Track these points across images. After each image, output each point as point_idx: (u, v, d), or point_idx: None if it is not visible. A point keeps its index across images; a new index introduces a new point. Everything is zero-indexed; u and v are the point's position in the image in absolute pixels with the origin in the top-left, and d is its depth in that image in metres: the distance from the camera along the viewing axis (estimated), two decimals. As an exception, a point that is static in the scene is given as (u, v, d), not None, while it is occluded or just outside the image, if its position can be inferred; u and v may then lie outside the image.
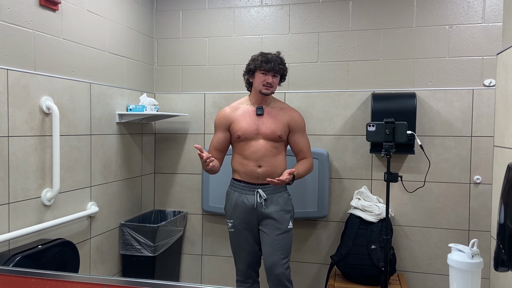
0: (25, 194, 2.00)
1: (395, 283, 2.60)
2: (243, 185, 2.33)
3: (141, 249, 2.69)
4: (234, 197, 2.35)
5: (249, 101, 2.40)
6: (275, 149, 2.32)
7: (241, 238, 2.36)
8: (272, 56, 2.32)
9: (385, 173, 2.24)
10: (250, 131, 2.31)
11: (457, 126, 2.71)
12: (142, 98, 2.85)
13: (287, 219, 2.32)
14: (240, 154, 2.34)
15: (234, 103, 2.44)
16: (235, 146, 2.38)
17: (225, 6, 3.06)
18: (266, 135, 2.31)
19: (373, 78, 2.84)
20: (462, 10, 2.70)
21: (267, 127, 2.31)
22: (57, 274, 1.34)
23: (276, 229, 2.29)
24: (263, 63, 2.28)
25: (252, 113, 2.35)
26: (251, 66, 2.34)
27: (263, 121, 2.33)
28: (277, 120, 2.34)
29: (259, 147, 2.30)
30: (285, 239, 2.30)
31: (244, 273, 2.40)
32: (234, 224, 2.35)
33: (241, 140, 2.32)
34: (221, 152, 2.40)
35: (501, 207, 1.22)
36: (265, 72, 2.30)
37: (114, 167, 2.71)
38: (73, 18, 2.30)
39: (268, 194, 2.30)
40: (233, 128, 2.34)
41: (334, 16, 2.88)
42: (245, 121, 2.33)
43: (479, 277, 1.51)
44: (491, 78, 2.64)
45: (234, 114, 2.36)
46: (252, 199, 2.29)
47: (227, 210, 2.40)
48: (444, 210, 2.74)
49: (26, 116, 1.99)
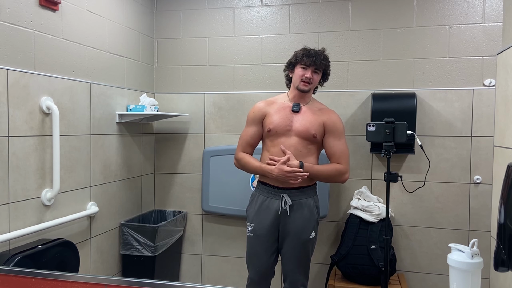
0: (25, 194, 2.00)
1: (395, 283, 2.60)
2: (268, 189, 2.19)
3: (141, 249, 2.69)
4: (259, 200, 2.21)
5: (287, 97, 2.28)
6: (306, 150, 2.18)
7: (258, 244, 2.20)
8: (315, 51, 2.19)
9: (385, 173, 2.23)
10: (282, 125, 2.18)
11: (457, 126, 2.71)
12: (142, 98, 2.85)
13: (310, 228, 2.17)
14: (269, 151, 2.20)
15: (270, 98, 2.33)
16: (265, 142, 2.25)
17: (225, 6, 3.06)
18: (299, 133, 2.17)
19: (373, 78, 2.84)
20: (462, 10, 2.70)
21: (301, 124, 2.18)
22: (57, 274, 1.34)
23: (296, 238, 2.15)
24: (304, 57, 2.16)
25: (288, 109, 2.22)
26: (292, 60, 2.22)
27: (298, 118, 2.20)
28: (312, 119, 2.19)
29: (290, 145, 2.15)
30: (305, 249, 2.18)
31: (256, 282, 2.23)
32: (254, 229, 2.20)
33: (272, 135, 2.19)
34: (253, 147, 2.28)
35: (501, 207, 1.22)
36: (305, 67, 2.16)
37: (114, 167, 2.71)
38: (73, 18, 2.30)
39: (294, 199, 2.15)
40: (266, 121, 2.22)
41: (334, 16, 2.88)
42: (279, 115, 2.21)
43: (479, 277, 1.51)
44: (491, 78, 2.64)
45: (269, 108, 2.25)
46: (277, 205, 2.15)
47: (249, 213, 2.26)
48: (444, 210, 2.74)
49: (26, 116, 1.99)
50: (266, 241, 2.19)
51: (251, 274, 2.25)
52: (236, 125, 3.04)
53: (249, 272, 2.27)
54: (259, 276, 2.22)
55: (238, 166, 2.30)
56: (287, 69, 2.29)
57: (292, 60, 2.23)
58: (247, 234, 2.25)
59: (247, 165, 2.23)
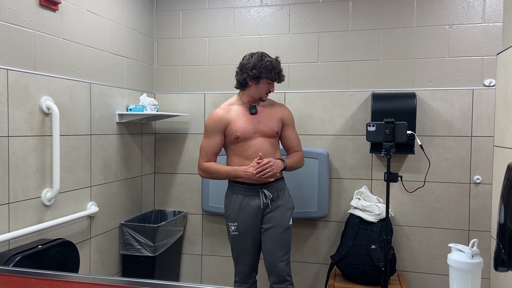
0: (25, 194, 2.00)
1: (395, 283, 2.60)
2: (246, 187, 2.29)
3: (141, 249, 2.69)
4: (238, 200, 2.30)
5: (240, 101, 2.37)
6: (273, 146, 2.33)
7: (245, 241, 2.33)
8: (277, 64, 2.29)
9: (385, 173, 2.23)
10: (248, 130, 2.28)
11: (457, 126, 2.71)
12: (142, 98, 2.85)
13: (288, 216, 2.34)
14: (240, 155, 2.30)
15: (223, 105, 2.39)
16: (231, 148, 2.33)
17: (225, 6, 3.06)
18: (265, 133, 2.31)
19: (373, 78, 2.84)
20: (462, 10, 2.70)
21: (264, 125, 2.31)
22: (57, 274, 1.34)
23: (278, 226, 2.29)
24: (273, 73, 2.26)
25: (246, 112, 2.33)
26: (256, 73, 2.24)
27: (259, 119, 2.32)
28: (271, 117, 2.35)
29: (260, 145, 2.28)
30: (287, 236, 2.32)
31: (246, 275, 2.38)
32: (239, 227, 2.31)
33: (240, 141, 2.28)
34: (216, 156, 2.35)
35: (501, 207, 1.22)
36: (271, 82, 2.30)
37: (114, 167, 2.71)
38: (73, 18, 2.30)
39: (273, 192, 2.30)
40: (230, 129, 2.29)
41: (334, 16, 2.88)
42: (241, 121, 2.29)
43: (479, 277, 1.51)
44: (491, 78, 2.64)
45: (228, 115, 2.31)
46: (258, 200, 2.28)
47: (229, 214, 2.35)
48: (444, 210, 2.74)
49: (26, 116, 1.99)
50: (252, 236, 2.32)
51: (240, 268, 2.38)
52: (236, 125, 3.03)
53: (237, 267, 2.40)
54: (248, 268, 2.37)
55: (205, 175, 2.37)
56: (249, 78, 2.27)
57: (257, 74, 2.24)
58: (231, 233, 2.35)
59: (217, 172, 2.31)
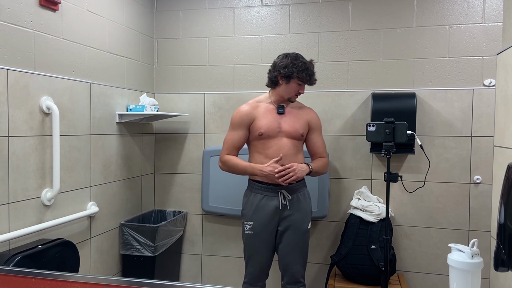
0: (25, 194, 2.00)
1: (395, 283, 2.60)
2: (265, 187, 2.25)
3: (141, 249, 2.69)
4: (256, 199, 2.27)
5: (269, 99, 2.34)
6: (296, 148, 2.28)
7: (259, 241, 2.28)
8: (310, 65, 2.25)
9: (385, 173, 2.23)
10: (272, 128, 2.25)
11: (457, 126, 2.71)
12: (142, 98, 2.85)
13: (307, 220, 2.30)
14: (262, 153, 2.27)
15: (252, 101, 2.36)
16: (254, 145, 2.30)
17: (225, 6, 3.06)
18: (289, 133, 2.27)
19: (373, 78, 2.84)
20: (462, 10, 2.70)
21: (289, 125, 2.28)
22: (57, 274, 1.34)
23: (296, 229, 2.26)
24: (304, 74, 2.22)
25: (273, 111, 2.31)
26: (288, 72, 2.22)
27: (285, 120, 2.29)
28: (298, 119, 2.31)
29: (282, 145, 2.25)
30: (305, 239, 2.30)
31: (257, 277, 2.30)
32: (254, 227, 2.27)
33: (263, 138, 2.25)
34: (238, 150, 2.33)
35: (501, 207, 1.22)
36: (301, 83, 2.26)
37: (114, 167, 2.71)
38: (73, 18, 2.30)
39: (292, 193, 2.25)
40: (255, 126, 2.27)
41: (334, 16, 2.88)
42: (267, 118, 2.27)
43: (479, 277, 1.51)
44: (491, 78, 2.64)
45: (255, 112, 2.29)
46: (276, 201, 2.24)
47: (246, 212, 2.31)
48: (444, 210, 2.74)
49: (26, 116, 1.99)
50: (266, 237, 2.27)
51: (251, 269, 2.30)
52: (236, 125, 3.04)
53: (248, 267, 2.32)
54: (259, 270, 2.30)
55: (224, 168, 2.34)
56: (280, 76, 2.25)
57: (289, 73, 2.22)
58: (245, 232, 2.30)
59: (235, 166, 2.29)
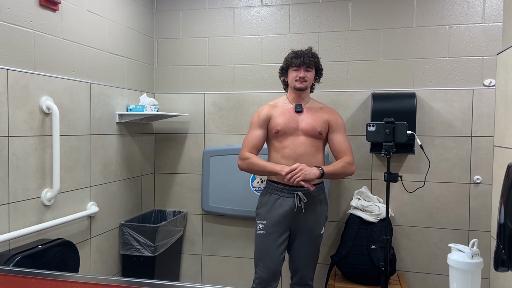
0: (25, 194, 2.00)
1: (395, 283, 2.60)
2: (282, 187, 2.24)
3: (141, 249, 2.69)
4: (272, 199, 2.25)
5: (287, 100, 2.37)
6: (314, 147, 2.26)
7: (269, 242, 2.24)
8: (302, 51, 2.29)
9: (385, 173, 2.23)
10: (289, 125, 2.26)
11: (457, 126, 2.71)
12: (142, 98, 2.85)
13: (321, 225, 2.30)
14: (278, 152, 2.27)
15: (271, 102, 2.40)
16: (272, 143, 2.31)
17: (225, 6, 3.06)
18: (306, 131, 2.25)
19: (373, 78, 2.84)
20: (462, 10, 2.70)
21: (306, 123, 2.27)
22: (57, 274, 1.34)
23: (310, 233, 2.26)
24: (293, 59, 2.26)
25: (291, 110, 2.31)
26: (283, 65, 2.34)
27: (303, 118, 2.28)
28: (316, 117, 2.29)
29: (299, 144, 2.24)
30: (317, 243, 2.31)
31: (265, 281, 2.23)
32: (266, 226, 2.24)
33: (280, 135, 2.26)
34: (258, 150, 2.32)
35: (501, 207, 1.22)
36: (297, 68, 2.27)
37: (114, 167, 2.71)
38: (73, 18, 2.30)
39: (308, 196, 2.23)
40: (272, 124, 2.29)
41: (334, 16, 2.88)
42: (284, 116, 2.29)
43: (479, 277, 1.51)
44: (491, 78, 2.64)
45: (273, 111, 2.32)
46: (292, 202, 2.22)
47: (260, 211, 2.29)
48: (444, 210, 2.74)
49: (26, 116, 1.99)
50: (278, 238, 2.23)
51: (260, 273, 2.24)
52: (236, 125, 3.04)
53: (257, 271, 2.26)
54: (269, 274, 2.22)
55: (243, 166, 2.29)
56: (282, 75, 2.38)
57: (284, 66, 2.34)
58: (257, 232, 2.27)
59: (255, 164, 2.24)
